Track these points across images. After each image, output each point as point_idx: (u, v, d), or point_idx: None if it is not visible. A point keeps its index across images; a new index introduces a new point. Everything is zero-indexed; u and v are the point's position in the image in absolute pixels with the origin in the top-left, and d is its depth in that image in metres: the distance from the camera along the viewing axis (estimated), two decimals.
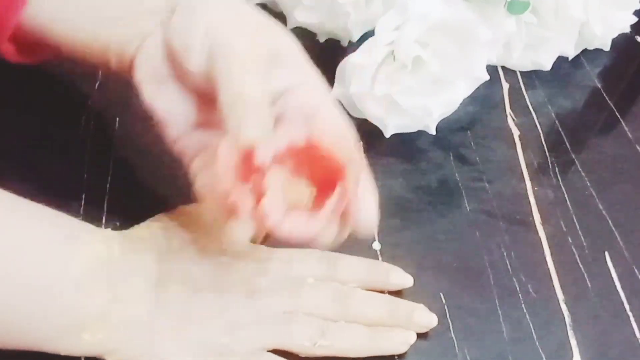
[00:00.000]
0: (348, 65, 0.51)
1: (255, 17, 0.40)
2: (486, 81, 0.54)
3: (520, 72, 0.62)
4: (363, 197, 0.38)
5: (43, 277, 0.36)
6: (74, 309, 0.36)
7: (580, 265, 0.47)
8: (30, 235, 0.36)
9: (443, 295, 0.45)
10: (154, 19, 0.40)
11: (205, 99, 0.39)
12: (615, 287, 0.47)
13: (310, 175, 0.37)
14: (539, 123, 0.57)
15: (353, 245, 0.46)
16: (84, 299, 0.36)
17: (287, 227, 0.35)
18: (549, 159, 0.54)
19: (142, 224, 0.42)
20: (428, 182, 0.52)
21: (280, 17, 0.59)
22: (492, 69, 0.60)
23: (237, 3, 0.41)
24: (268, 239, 0.42)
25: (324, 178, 0.36)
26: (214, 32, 0.38)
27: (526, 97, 0.60)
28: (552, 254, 0.48)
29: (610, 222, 0.50)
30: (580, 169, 0.54)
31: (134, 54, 0.40)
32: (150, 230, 0.41)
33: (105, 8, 0.40)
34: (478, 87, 0.55)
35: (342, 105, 0.53)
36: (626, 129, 0.58)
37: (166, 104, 0.40)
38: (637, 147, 0.56)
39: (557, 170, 0.54)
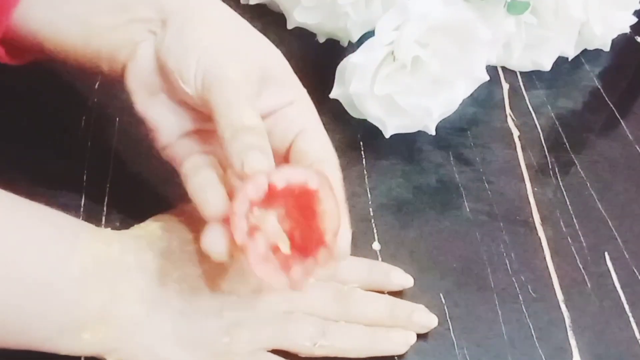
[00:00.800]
0: (348, 65, 0.51)
1: (246, 33, 0.41)
2: (486, 81, 0.54)
3: (520, 72, 0.62)
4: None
5: (43, 276, 0.36)
6: (74, 309, 0.36)
7: (580, 266, 0.47)
8: (30, 234, 0.36)
9: (443, 295, 0.45)
10: (143, 27, 0.40)
11: (196, 111, 0.40)
12: (615, 287, 0.47)
13: (295, 217, 0.37)
14: (539, 123, 0.57)
15: (353, 245, 0.46)
16: (84, 299, 0.36)
17: (260, 271, 0.36)
18: (548, 159, 0.54)
19: (142, 224, 0.42)
20: (428, 182, 0.52)
21: (280, 17, 0.59)
22: (492, 69, 0.60)
23: (229, 18, 0.41)
24: None
25: (306, 225, 0.37)
26: (207, 57, 0.38)
27: (526, 97, 0.60)
28: (551, 254, 0.48)
29: (610, 222, 0.50)
30: (580, 169, 0.54)
31: (125, 61, 0.40)
32: (150, 230, 0.41)
33: (94, 15, 0.40)
34: (478, 88, 0.55)
35: (342, 105, 0.53)
36: (626, 129, 0.58)
37: (157, 113, 0.41)
38: (637, 147, 0.56)
39: (556, 171, 0.54)
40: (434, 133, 0.54)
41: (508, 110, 0.58)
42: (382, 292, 0.44)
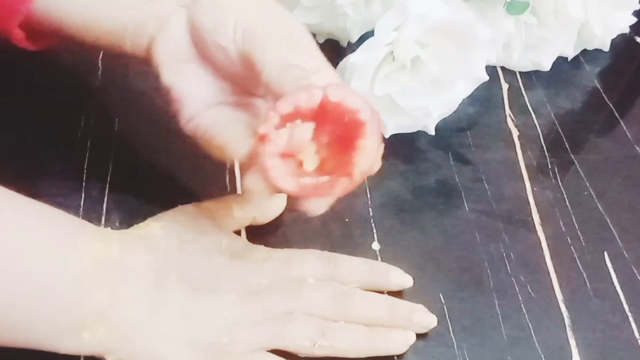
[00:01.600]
0: (348, 65, 0.51)
1: (275, 3, 0.41)
2: (485, 81, 0.54)
3: (520, 72, 0.62)
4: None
5: (42, 275, 0.36)
6: (73, 308, 0.36)
7: (580, 266, 0.47)
8: (30, 233, 0.36)
9: (442, 295, 0.45)
10: (174, 2, 0.41)
11: (225, 81, 0.40)
12: (615, 287, 0.47)
13: (334, 149, 0.37)
14: (538, 123, 0.57)
15: (353, 245, 0.46)
16: (83, 298, 0.36)
17: (271, 166, 0.35)
18: (548, 160, 0.54)
19: (142, 224, 0.42)
20: (427, 182, 0.52)
21: None
22: (491, 69, 0.60)
23: None
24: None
25: (341, 157, 0.36)
26: (247, 13, 0.39)
27: (525, 97, 0.60)
28: (551, 255, 0.48)
29: (609, 222, 0.50)
30: (579, 170, 0.54)
31: (152, 35, 0.41)
32: (150, 229, 0.41)
33: None
34: (477, 88, 0.55)
35: None
36: (625, 129, 0.58)
37: (186, 84, 0.41)
38: (637, 147, 0.56)
39: (556, 171, 0.54)
40: (433, 133, 0.54)
41: (507, 111, 0.58)
42: (382, 292, 0.44)
